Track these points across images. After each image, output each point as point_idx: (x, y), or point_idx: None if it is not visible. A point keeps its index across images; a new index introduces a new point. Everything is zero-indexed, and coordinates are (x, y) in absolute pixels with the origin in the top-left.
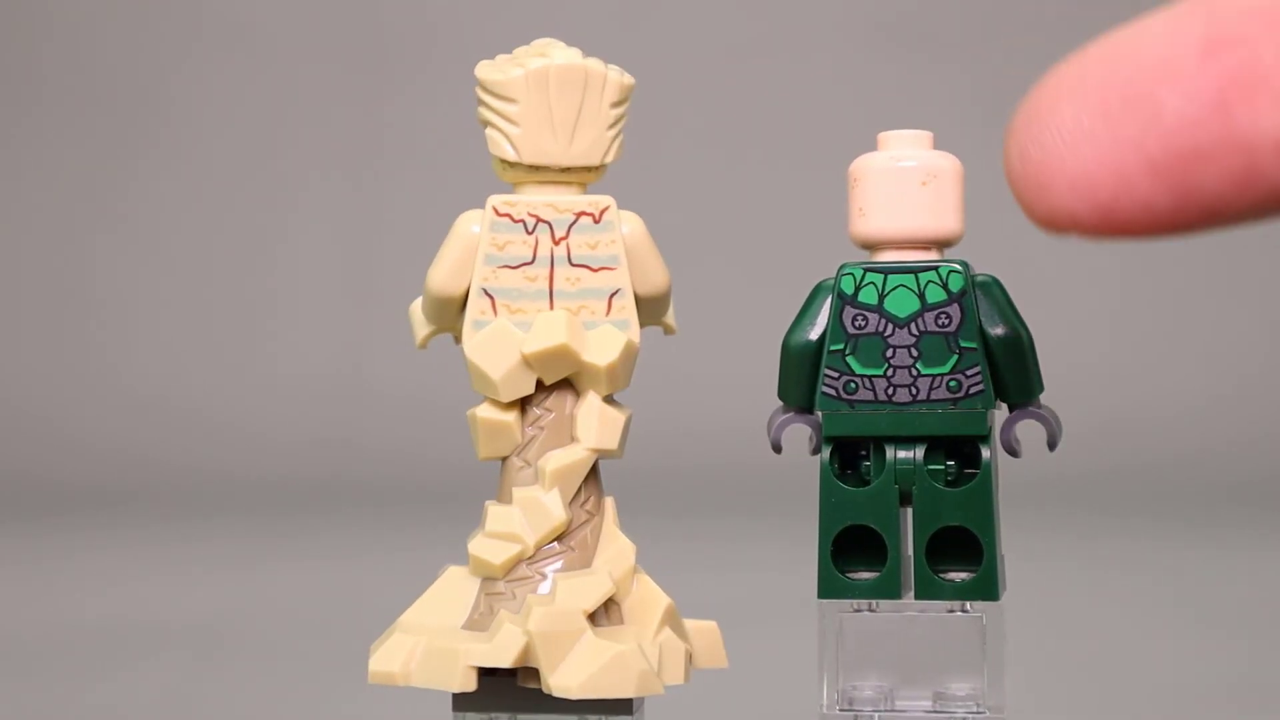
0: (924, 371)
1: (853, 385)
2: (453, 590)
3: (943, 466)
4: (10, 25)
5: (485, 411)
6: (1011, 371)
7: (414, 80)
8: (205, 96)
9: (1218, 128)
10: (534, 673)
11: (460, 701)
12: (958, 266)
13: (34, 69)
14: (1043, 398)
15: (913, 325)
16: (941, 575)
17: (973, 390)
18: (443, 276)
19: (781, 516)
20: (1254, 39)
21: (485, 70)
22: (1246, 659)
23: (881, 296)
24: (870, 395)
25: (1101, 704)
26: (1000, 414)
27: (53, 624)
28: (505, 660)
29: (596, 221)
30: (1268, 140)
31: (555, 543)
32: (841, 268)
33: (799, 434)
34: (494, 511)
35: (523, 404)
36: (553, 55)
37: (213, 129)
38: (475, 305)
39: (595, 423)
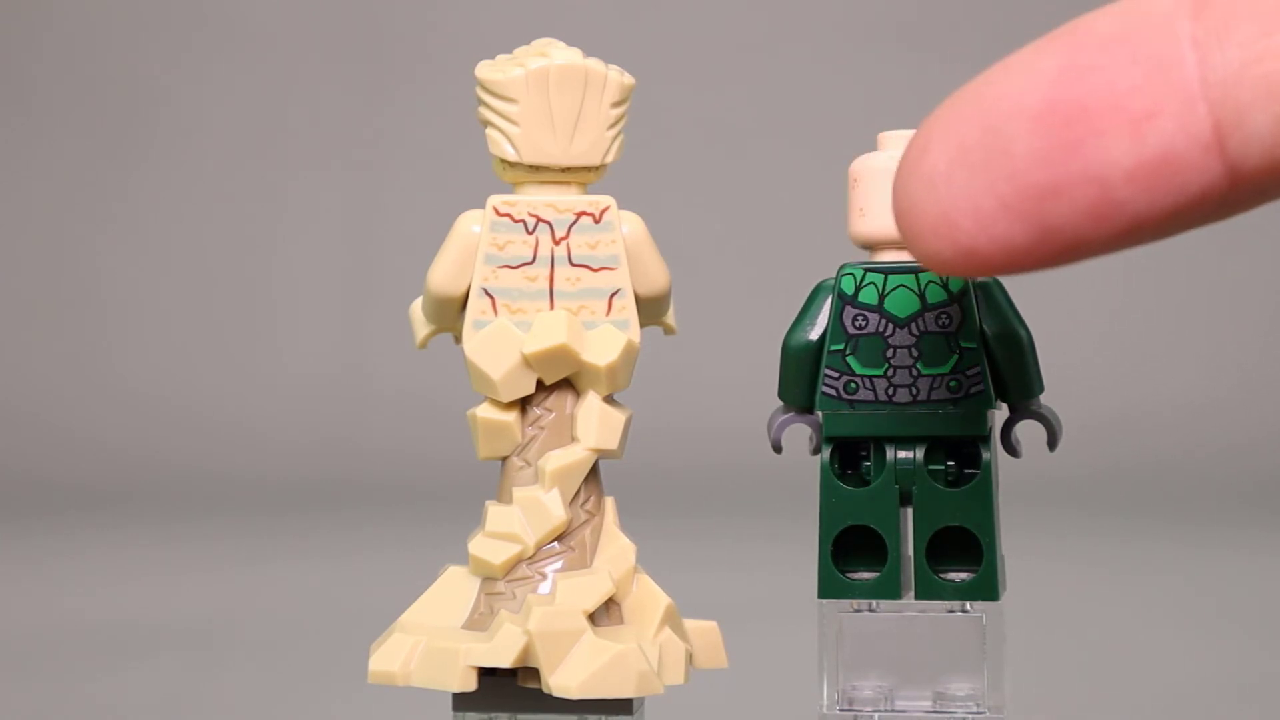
0: (924, 371)
1: (853, 385)
2: (453, 590)
3: (943, 466)
4: (7, 23)
5: (485, 411)
6: (1011, 371)
7: (414, 80)
8: (205, 95)
9: (1068, 162)
10: (534, 673)
11: (460, 701)
12: None
13: (33, 67)
14: (1043, 398)
15: (913, 325)
16: (941, 575)
17: (973, 390)
18: (442, 276)
19: (781, 516)
20: (1109, 67)
21: (485, 70)
22: (1247, 659)
23: (882, 296)
24: (870, 395)
25: (1101, 704)
26: (1000, 414)
27: (53, 624)
28: (505, 660)
29: (597, 221)
30: (1119, 171)
31: (555, 543)
32: (842, 268)
33: (799, 434)
34: (494, 511)
35: (523, 404)
36: (553, 55)
37: (212, 127)
38: (475, 305)
39: (595, 423)
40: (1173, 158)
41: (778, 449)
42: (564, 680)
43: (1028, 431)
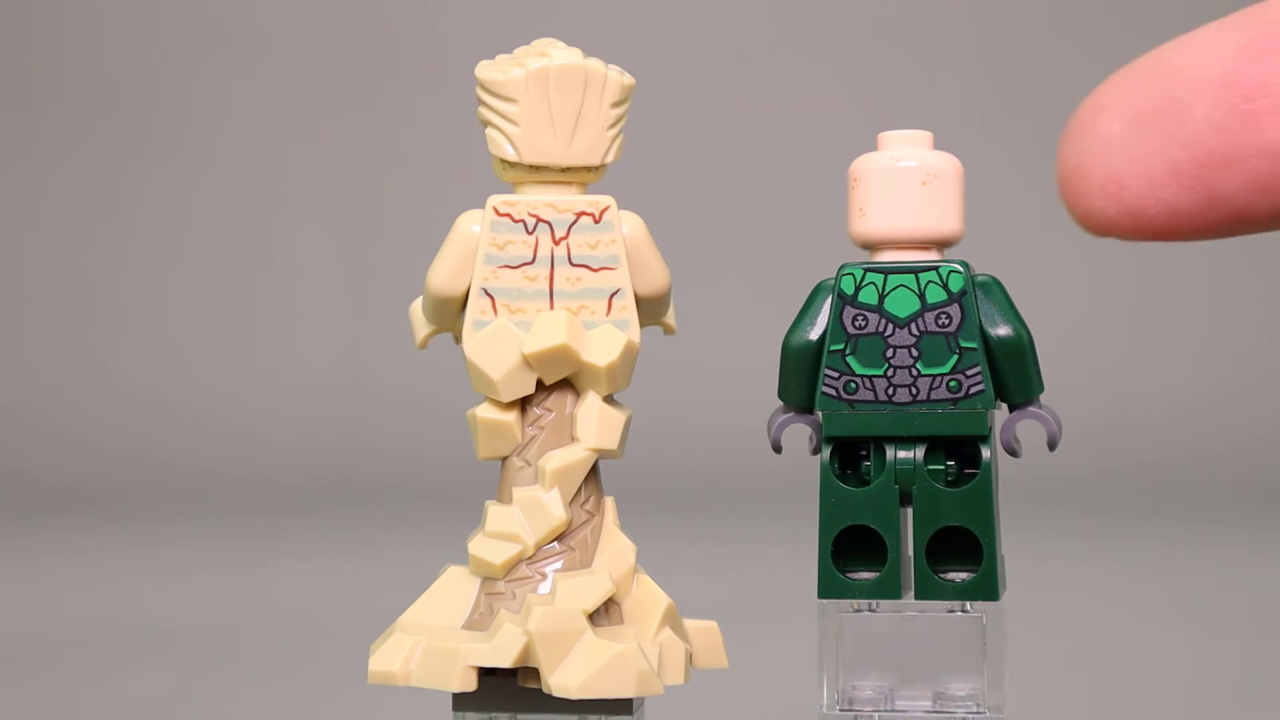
0: (924, 371)
1: (853, 385)
2: (453, 590)
3: (943, 466)
4: (10, 27)
5: (485, 411)
6: (1011, 371)
7: (414, 81)
8: (206, 98)
9: (1244, 134)
10: (534, 673)
11: (460, 701)
12: (958, 266)
13: (34, 71)
14: (1043, 398)
15: (913, 325)
16: (941, 575)
17: (973, 390)
18: (443, 276)
19: (781, 516)
20: None
21: (485, 70)
22: (1247, 659)
23: (881, 296)
24: (870, 395)
25: (1102, 704)
26: (1000, 414)
27: (53, 624)
28: (505, 660)
29: (597, 221)
30: None
31: (555, 543)
32: (841, 268)
33: (799, 434)
34: (494, 511)
35: (523, 404)
36: (553, 55)
37: (214, 130)
38: (475, 305)
39: (595, 423)
40: None
41: (778, 449)
42: (564, 680)
43: (1028, 431)
